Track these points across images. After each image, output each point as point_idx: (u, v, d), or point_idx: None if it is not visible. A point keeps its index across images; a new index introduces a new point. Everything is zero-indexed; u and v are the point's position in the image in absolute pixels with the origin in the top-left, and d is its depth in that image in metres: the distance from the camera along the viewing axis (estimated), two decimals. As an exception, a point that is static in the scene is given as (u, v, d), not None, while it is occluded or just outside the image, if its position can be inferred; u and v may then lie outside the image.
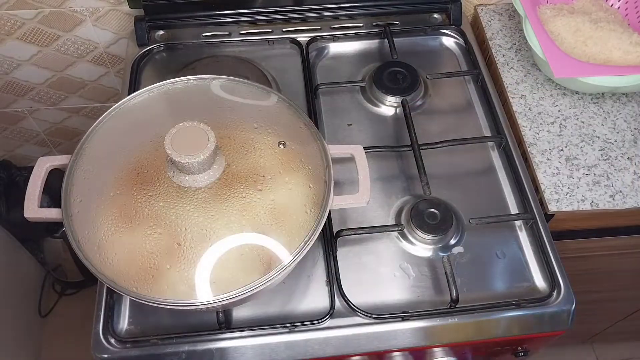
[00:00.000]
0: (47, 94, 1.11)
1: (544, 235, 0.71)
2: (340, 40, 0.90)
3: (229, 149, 0.59)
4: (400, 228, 0.70)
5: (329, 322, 0.64)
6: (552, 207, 0.74)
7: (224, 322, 0.63)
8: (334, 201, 0.60)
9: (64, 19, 0.94)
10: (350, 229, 0.69)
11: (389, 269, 0.69)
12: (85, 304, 1.07)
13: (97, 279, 0.54)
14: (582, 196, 0.75)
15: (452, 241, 0.71)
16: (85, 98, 1.13)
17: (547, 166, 0.78)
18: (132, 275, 0.53)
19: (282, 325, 0.63)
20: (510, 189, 0.76)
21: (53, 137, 1.25)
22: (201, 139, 0.54)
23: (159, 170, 0.57)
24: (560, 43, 0.84)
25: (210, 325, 0.63)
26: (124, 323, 0.65)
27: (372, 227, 0.70)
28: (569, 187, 0.76)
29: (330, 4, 0.91)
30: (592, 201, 0.75)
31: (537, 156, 0.79)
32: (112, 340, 0.62)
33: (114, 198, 0.56)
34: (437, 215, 0.70)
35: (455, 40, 0.92)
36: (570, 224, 0.81)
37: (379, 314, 0.64)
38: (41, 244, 1.35)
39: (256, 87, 0.66)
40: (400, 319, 0.64)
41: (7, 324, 1.20)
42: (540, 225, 0.71)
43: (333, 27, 0.92)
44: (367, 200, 0.60)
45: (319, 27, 0.91)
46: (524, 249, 0.71)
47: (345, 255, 0.69)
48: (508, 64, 0.89)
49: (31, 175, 0.60)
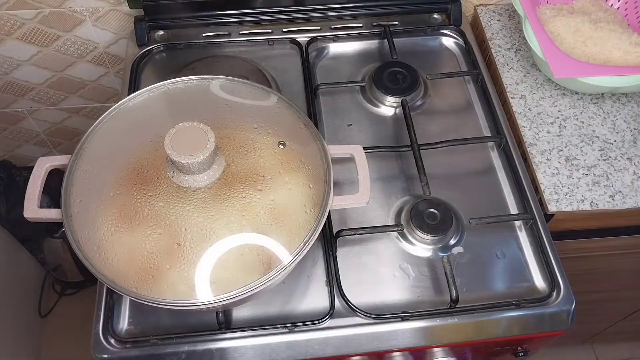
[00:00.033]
0: (47, 94, 1.11)
1: (543, 236, 0.71)
2: (340, 40, 0.90)
3: (228, 149, 0.59)
4: (400, 228, 0.70)
5: (329, 322, 0.64)
6: (552, 207, 0.74)
7: (224, 322, 0.63)
8: (334, 201, 0.60)
9: (63, 19, 0.94)
10: (350, 229, 0.69)
11: (388, 269, 0.69)
12: (85, 304, 1.07)
13: (97, 279, 0.54)
14: (582, 196, 0.75)
15: (452, 241, 0.71)
16: (85, 98, 1.13)
17: (547, 166, 0.78)
18: (132, 276, 0.53)
19: (282, 326, 0.63)
20: (510, 189, 0.76)
21: (53, 137, 1.25)
22: (201, 139, 0.54)
23: (158, 171, 0.57)
24: (560, 43, 0.84)
25: (210, 326, 0.63)
26: (123, 323, 0.65)
27: (372, 227, 0.70)
28: (568, 187, 0.76)
29: (330, 4, 0.91)
30: (591, 201, 0.75)
31: (536, 156, 0.79)
32: (112, 341, 0.62)
33: (114, 198, 0.56)
34: (437, 215, 0.70)
35: (455, 40, 0.92)
36: (570, 224, 0.81)
37: (379, 314, 0.64)
38: (41, 244, 1.35)
39: (256, 87, 0.66)
40: (400, 319, 0.64)
41: (7, 324, 1.20)
42: (540, 225, 0.71)
43: (333, 27, 0.92)
44: (367, 201, 0.60)
45: (319, 27, 0.91)
46: (523, 249, 0.71)
47: (345, 255, 0.69)
48: (508, 64, 0.89)
49: (31, 175, 0.60)
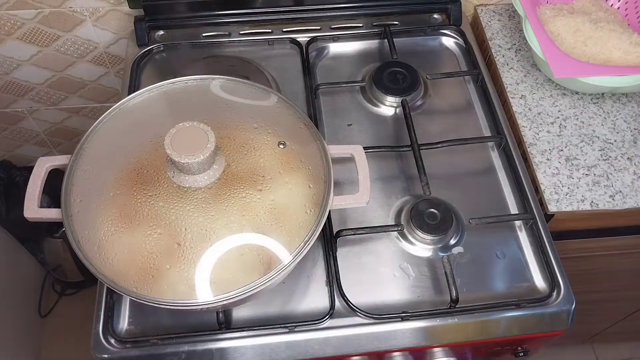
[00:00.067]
0: (47, 94, 1.11)
1: (543, 236, 0.71)
2: (340, 40, 0.90)
3: (229, 149, 0.59)
4: (400, 228, 0.70)
5: (329, 322, 0.64)
6: (552, 207, 0.74)
7: (224, 322, 0.63)
8: (334, 201, 0.60)
9: (64, 19, 0.94)
10: (350, 229, 0.69)
11: (388, 269, 0.69)
12: (85, 304, 1.07)
13: (97, 279, 0.54)
14: (582, 196, 0.75)
15: (452, 241, 0.71)
16: (85, 98, 1.13)
17: (547, 166, 0.78)
18: (132, 275, 0.53)
19: (282, 325, 0.63)
20: (510, 189, 0.76)
21: (53, 137, 1.25)
22: (201, 139, 0.54)
23: (159, 170, 0.57)
24: (560, 43, 0.84)
25: (210, 325, 0.63)
26: (124, 323, 0.65)
27: (372, 227, 0.70)
28: (568, 187, 0.76)
29: (330, 4, 0.91)
30: (592, 201, 0.75)
31: (537, 156, 0.79)
32: (112, 341, 0.62)
33: (114, 198, 0.56)
34: (437, 215, 0.70)
35: (455, 40, 0.92)
36: (570, 224, 0.81)
37: (379, 314, 0.64)
38: (41, 244, 1.35)
39: (256, 87, 0.66)
40: (400, 319, 0.64)
41: (7, 324, 1.20)
42: (540, 225, 0.71)
43: (333, 27, 0.92)
44: (367, 201, 0.60)
45: (319, 27, 0.91)
46: (523, 249, 0.71)
47: (345, 255, 0.69)
48: (508, 64, 0.89)
49: (31, 175, 0.60)
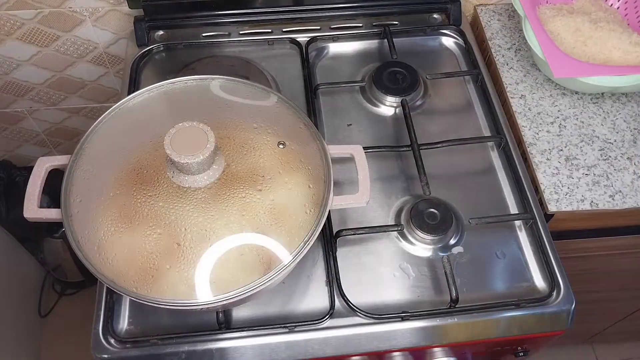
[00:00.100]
0: (47, 94, 1.11)
1: (543, 235, 0.71)
2: (340, 40, 0.90)
3: (228, 149, 0.59)
4: (400, 228, 0.70)
5: (328, 322, 0.64)
6: (552, 207, 0.74)
7: (224, 322, 0.63)
8: (334, 201, 0.60)
9: (63, 19, 0.94)
10: (350, 229, 0.69)
11: (388, 269, 0.69)
12: (85, 304, 1.07)
13: (97, 279, 0.54)
14: (582, 196, 0.75)
15: (452, 241, 0.71)
16: (85, 98, 1.13)
17: (547, 166, 0.78)
18: (132, 275, 0.53)
19: (282, 325, 0.63)
20: (510, 189, 0.76)
21: (53, 137, 1.25)
22: (201, 139, 0.54)
23: (158, 171, 0.57)
24: (560, 43, 0.84)
25: (210, 325, 0.63)
26: (123, 323, 0.65)
27: (371, 227, 0.70)
28: (568, 187, 0.76)
29: (330, 4, 0.91)
30: (591, 201, 0.75)
31: (536, 156, 0.79)
32: (112, 341, 0.62)
33: (114, 198, 0.56)
34: (437, 215, 0.70)
35: (455, 40, 0.92)
36: (570, 224, 0.81)
37: (379, 314, 0.64)
38: (41, 244, 1.35)
39: (256, 87, 0.66)
40: (400, 319, 0.64)
41: (7, 324, 1.20)
42: (539, 225, 0.71)
43: (333, 27, 0.92)
44: (367, 200, 0.60)
45: (319, 27, 0.91)
46: (523, 249, 0.71)
47: (345, 255, 0.69)
48: (508, 64, 0.89)
49: (31, 175, 0.60)
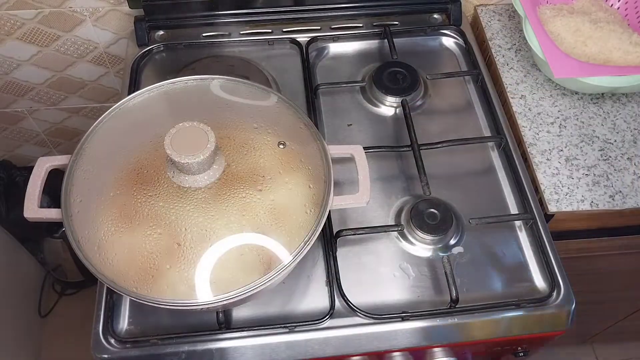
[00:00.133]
0: (47, 94, 1.11)
1: (543, 236, 0.71)
2: (340, 40, 0.90)
3: (229, 149, 0.59)
4: (400, 228, 0.70)
5: (329, 322, 0.64)
6: (552, 208, 0.74)
7: (224, 322, 0.63)
8: (334, 201, 0.60)
9: (64, 19, 0.94)
10: (350, 229, 0.69)
11: (388, 269, 0.69)
12: (85, 304, 1.07)
13: (97, 279, 0.54)
14: (582, 196, 0.75)
15: (452, 241, 0.71)
16: (85, 98, 1.13)
17: (547, 166, 0.78)
18: (132, 275, 0.53)
19: (282, 325, 0.63)
20: (510, 189, 0.76)
21: (53, 137, 1.25)
22: (201, 139, 0.54)
23: (159, 170, 0.57)
24: (560, 43, 0.84)
25: (210, 325, 0.63)
26: (124, 323, 0.65)
27: (372, 227, 0.70)
28: (568, 187, 0.76)
29: (330, 4, 0.91)
30: (591, 201, 0.75)
31: (536, 156, 0.79)
32: (112, 340, 0.62)
33: (114, 198, 0.56)
34: (437, 215, 0.70)
35: (455, 40, 0.92)
36: (570, 224, 0.81)
37: (379, 314, 0.64)
38: (41, 244, 1.35)
39: (256, 87, 0.66)
40: (400, 319, 0.64)
41: (7, 324, 1.20)
42: (540, 225, 0.71)
43: (333, 27, 0.92)
44: (367, 201, 0.60)
45: (319, 27, 0.91)
46: (524, 249, 0.71)
47: (345, 255, 0.69)
48: (508, 64, 0.89)
49: (31, 175, 0.60)
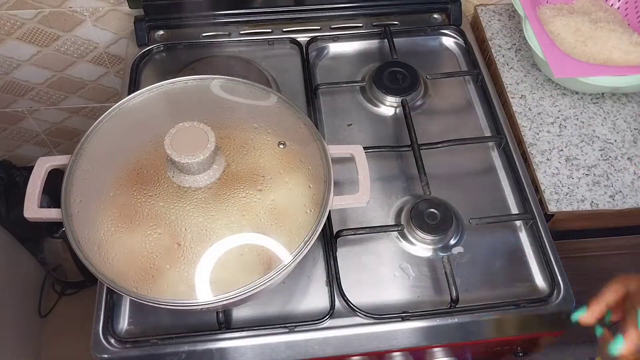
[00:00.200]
0: (47, 94, 1.11)
1: (543, 236, 0.71)
2: (340, 40, 0.90)
3: (229, 149, 0.59)
4: (400, 228, 0.70)
5: (329, 322, 0.64)
6: (552, 207, 0.74)
7: (224, 322, 0.63)
8: (334, 201, 0.60)
9: (63, 19, 0.94)
10: (350, 229, 0.69)
11: (388, 269, 0.69)
12: (85, 304, 1.07)
13: (97, 279, 0.54)
14: (582, 196, 0.75)
15: (452, 241, 0.71)
16: (85, 98, 1.13)
17: (547, 166, 0.78)
18: (132, 275, 0.53)
19: (282, 325, 0.63)
20: (510, 189, 0.76)
21: (53, 137, 1.25)
22: (201, 139, 0.54)
23: (159, 170, 0.57)
24: (560, 43, 0.84)
25: (210, 325, 0.63)
26: (124, 323, 0.65)
27: (372, 227, 0.70)
28: (568, 187, 0.76)
29: (330, 4, 0.91)
30: (592, 201, 0.75)
31: (537, 156, 0.79)
32: (112, 340, 0.62)
33: (114, 198, 0.56)
34: (437, 215, 0.70)
35: (455, 40, 0.92)
36: (570, 224, 0.81)
37: (379, 314, 0.64)
38: (41, 244, 1.35)
39: (256, 87, 0.66)
40: (400, 319, 0.64)
41: (7, 324, 1.20)
42: (540, 225, 0.71)
43: (333, 27, 0.92)
44: (367, 200, 0.60)
45: (319, 27, 0.91)
46: (524, 249, 0.71)
47: (345, 255, 0.69)
48: (508, 64, 0.89)
49: (31, 175, 0.60)
